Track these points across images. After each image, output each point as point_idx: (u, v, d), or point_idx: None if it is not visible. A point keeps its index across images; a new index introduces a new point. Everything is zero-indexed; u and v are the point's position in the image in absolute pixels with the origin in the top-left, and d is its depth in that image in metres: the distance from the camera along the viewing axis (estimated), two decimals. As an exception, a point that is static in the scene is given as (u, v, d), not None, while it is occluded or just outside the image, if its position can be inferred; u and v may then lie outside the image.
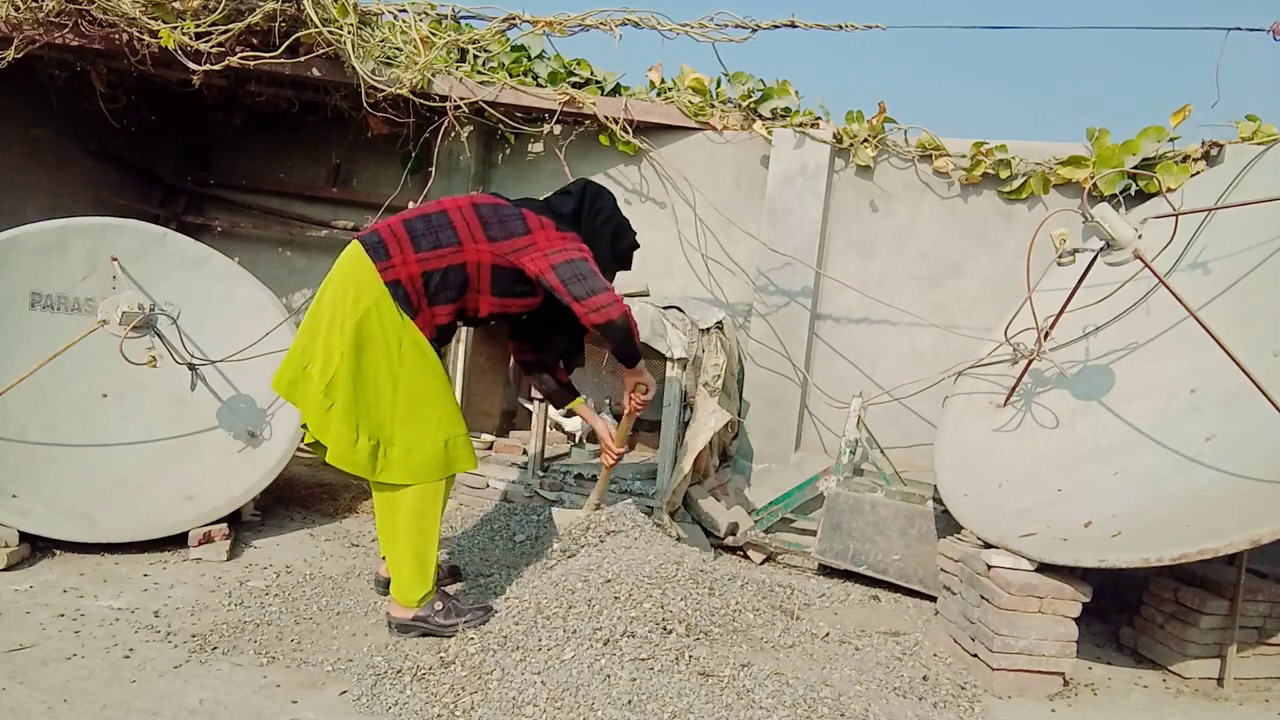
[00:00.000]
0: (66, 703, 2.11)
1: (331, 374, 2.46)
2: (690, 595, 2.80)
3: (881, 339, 4.30)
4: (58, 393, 3.30)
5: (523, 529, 3.67)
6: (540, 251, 2.57)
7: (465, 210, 2.62)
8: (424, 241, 2.54)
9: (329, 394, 2.47)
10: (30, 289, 3.28)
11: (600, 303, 2.55)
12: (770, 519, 3.85)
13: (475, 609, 2.67)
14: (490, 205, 2.65)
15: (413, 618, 2.63)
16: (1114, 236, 2.84)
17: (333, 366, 2.46)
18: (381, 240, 2.53)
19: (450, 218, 2.60)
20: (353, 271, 2.50)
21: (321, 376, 2.48)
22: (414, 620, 2.63)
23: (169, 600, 2.79)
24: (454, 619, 2.62)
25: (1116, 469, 2.92)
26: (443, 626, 2.61)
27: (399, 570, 2.63)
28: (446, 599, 2.68)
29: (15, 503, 3.02)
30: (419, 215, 2.61)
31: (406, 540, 2.60)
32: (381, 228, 2.58)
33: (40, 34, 3.81)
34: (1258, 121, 3.64)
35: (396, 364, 2.51)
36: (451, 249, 2.56)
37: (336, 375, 2.46)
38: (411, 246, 2.53)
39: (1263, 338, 2.82)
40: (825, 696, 2.34)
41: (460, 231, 2.57)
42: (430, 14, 4.29)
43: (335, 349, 2.47)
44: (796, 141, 4.24)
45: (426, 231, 2.56)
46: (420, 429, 2.54)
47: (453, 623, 2.61)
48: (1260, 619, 2.83)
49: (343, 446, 2.48)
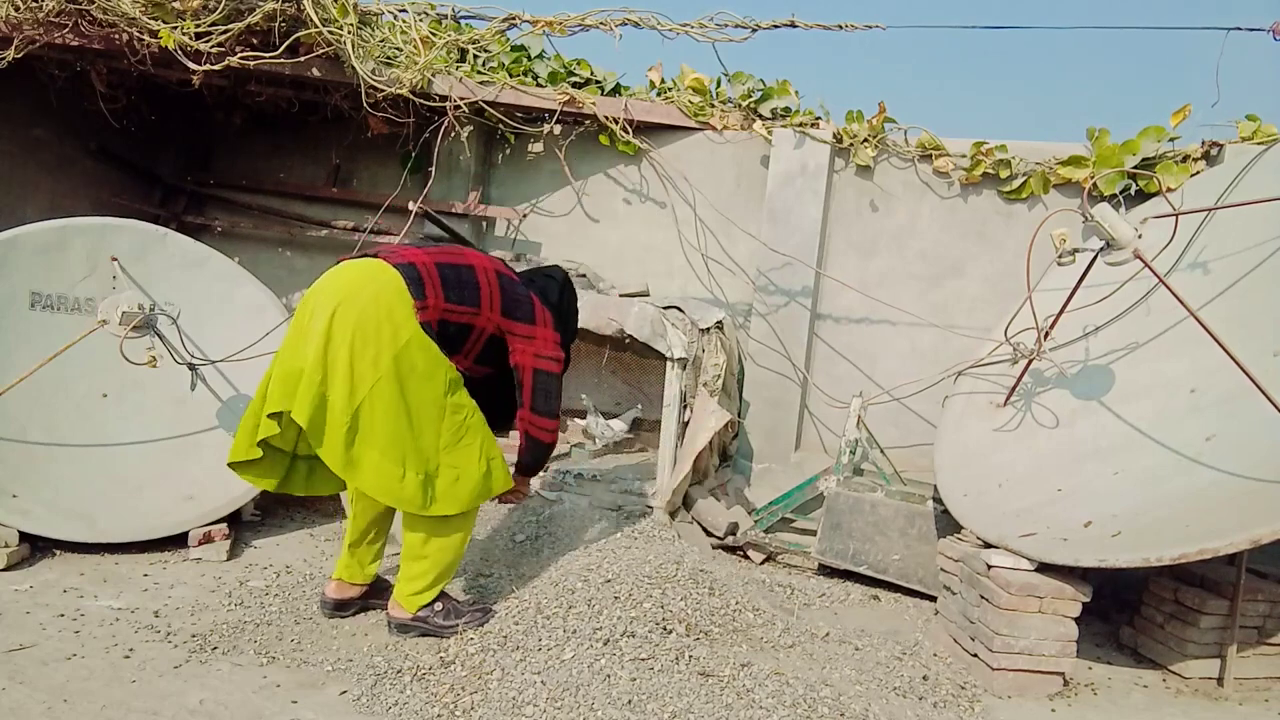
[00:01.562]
0: (66, 703, 2.11)
1: (358, 404, 2.34)
2: (690, 595, 2.80)
3: (881, 339, 4.29)
4: (58, 393, 3.30)
5: (523, 529, 3.67)
6: (534, 349, 2.65)
7: (490, 276, 2.62)
8: (453, 293, 2.52)
9: (354, 425, 2.35)
10: (30, 289, 3.28)
11: (546, 425, 2.70)
12: (770, 519, 3.85)
13: (475, 610, 2.68)
14: (509, 279, 2.69)
15: (413, 618, 2.62)
16: (1114, 236, 2.84)
17: (359, 396, 2.34)
18: (420, 277, 2.47)
19: (477, 278, 2.59)
20: (387, 300, 2.39)
21: (346, 406, 2.34)
22: (414, 620, 2.62)
23: (169, 600, 2.79)
24: (454, 620, 2.62)
25: (1116, 469, 2.92)
26: (442, 627, 2.61)
27: (414, 578, 2.60)
28: (447, 599, 2.67)
29: (15, 503, 3.02)
30: (448, 263, 2.57)
31: (436, 558, 2.60)
32: (416, 263, 2.49)
33: (40, 34, 3.81)
34: (1258, 121, 3.64)
35: (442, 394, 2.46)
36: (471, 310, 2.56)
37: (365, 406, 2.35)
38: (443, 293, 2.50)
39: (1263, 338, 2.82)
40: (825, 696, 2.34)
41: (483, 298, 2.58)
42: (430, 14, 4.29)
43: (364, 378, 2.34)
44: (796, 141, 4.24)
45: (456, 284, 2.54)
46: (465, 455, 2.51)
47: (452, 624, 2.61)
48: (1260, 619, 2.83)
49: (388, 483, 2.40)
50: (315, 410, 2.34)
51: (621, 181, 4.66)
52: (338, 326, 2.36)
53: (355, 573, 2.77)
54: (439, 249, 2.65)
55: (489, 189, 4.88)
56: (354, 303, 2.39)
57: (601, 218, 4.72)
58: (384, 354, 2.35)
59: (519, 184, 4.84)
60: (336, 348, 2.35)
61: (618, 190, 4.68)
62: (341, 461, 2.36)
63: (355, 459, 2.37)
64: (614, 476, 3.98)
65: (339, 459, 2.36)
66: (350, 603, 2.77)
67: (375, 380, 2.34)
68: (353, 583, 2.77)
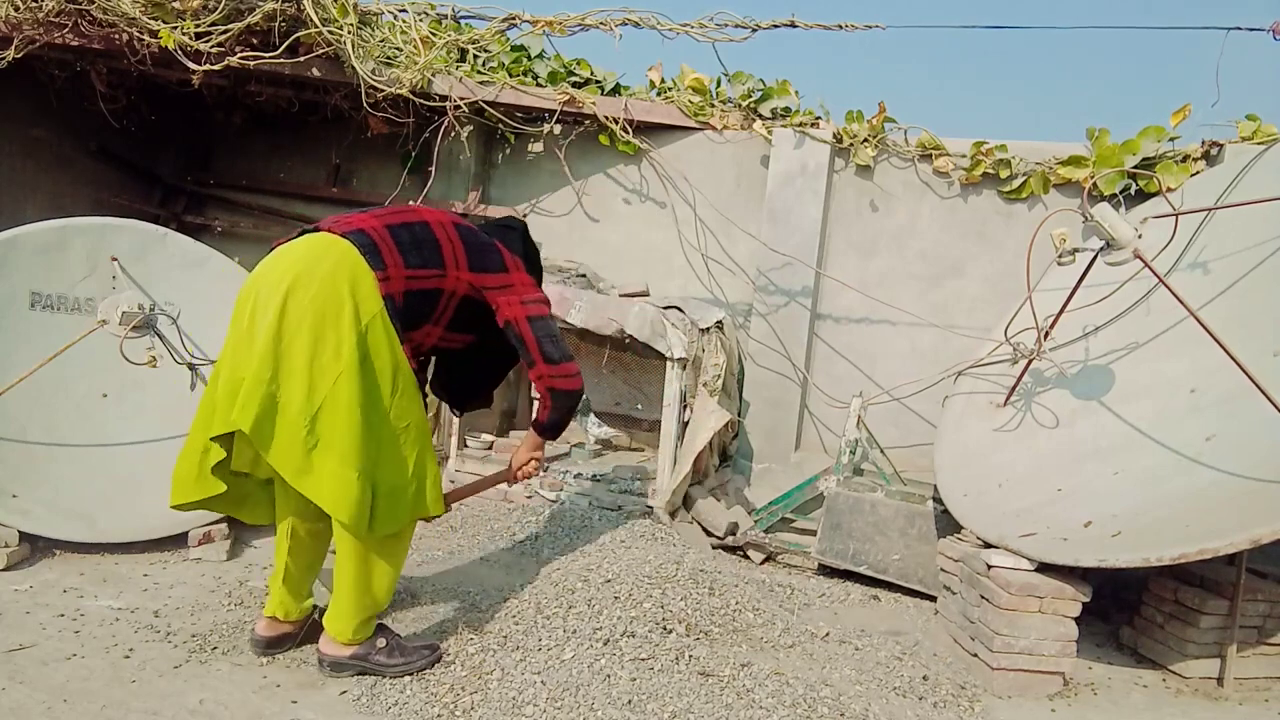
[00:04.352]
0: (66, 703, 2.11)
1: (319, 403, 2.04)
2: (690, 595, 2.80)
3: (881, 339, 4.30)
4: (58, 393, 3.30)
5: (523, 529, 3.67)
6: (518, 296, 2.38)
7: (449, 230, 2.33)
8: (413, 256, 2.23)
9: (314, 429, 2.04)
10: (30, 289, 3.27)
11: (566, 371, 2.41)
12: (770, 519, 3.85)
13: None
14: (469, 229, 2.40)
15: (350, 655, 2.34)
16: (1114, 236, 2.84)
17: (320, 394, 2.04)
18: (375, 244, 2.16)
19: (435, 235, 2.30)
20: (346, 275, 2.09)
21: (305, 406, 2.03)
22: (351, 658, 2.34)
23: (169, 600, 2.79)
24: (397, 658, 2.35)
25: (1116, 469, 2.92)
26: (385, 665, 2.34)
27: (345, 608, 2.30)
28: (388, 634, 2.40)
29: (15, 503, 3.02)
30: (400, 223, 2.27)
31: (373, 585, 2.31)
32: (366, 228, 2.20)
33: (40, 34, 3.81)
34: (1258, 121, 3.64)
35: (389, 393, 2.16)
36: (436, 273, 2.27)
37: (327, 405, 2.04)
38: (402, 259, 2.20)
39: (1263, 338, 2.82)
40: (825, 696, 2.34)
41: (445, 254, 2.29)
42: (430, 14, 4.29)
43: (327, 372, 2.05)
44: (796, 141, 4.24)
45: (414, 245, 2.24)
46: (402, 468, 2.21)
47: (395, 662, 2.34)
48: (1260, 619, 2.83)
49: (346, 494, 2.07)
50: (263, 413, 2.02)
51: (621, 181, 4.66)
52: (292, 313, 2.05)
53: (290, 608, 2.43)
54: (384, 210, 2.33)
55: (489, 189, 4.88)
56: (308, 283, 2.08)
57: (601, 218, 4.72)
58: (346, 341, 2.06)
59: (519, 184, 4.84)
60: (292, 338, 2.05)
61: (618, 190, 4.68)
62: (295, 469, 2.06)
63: (312, 466, 2.06)
64: (614, 476, 3.98)
65: (293, 466, 2.05)
66: (284, 640, 2.44)
67: (338, 374, 2.05)
68: (287, 619, 2.44)
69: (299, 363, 2.04)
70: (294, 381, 2.04)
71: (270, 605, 2.43)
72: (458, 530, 3.73)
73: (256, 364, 2.03)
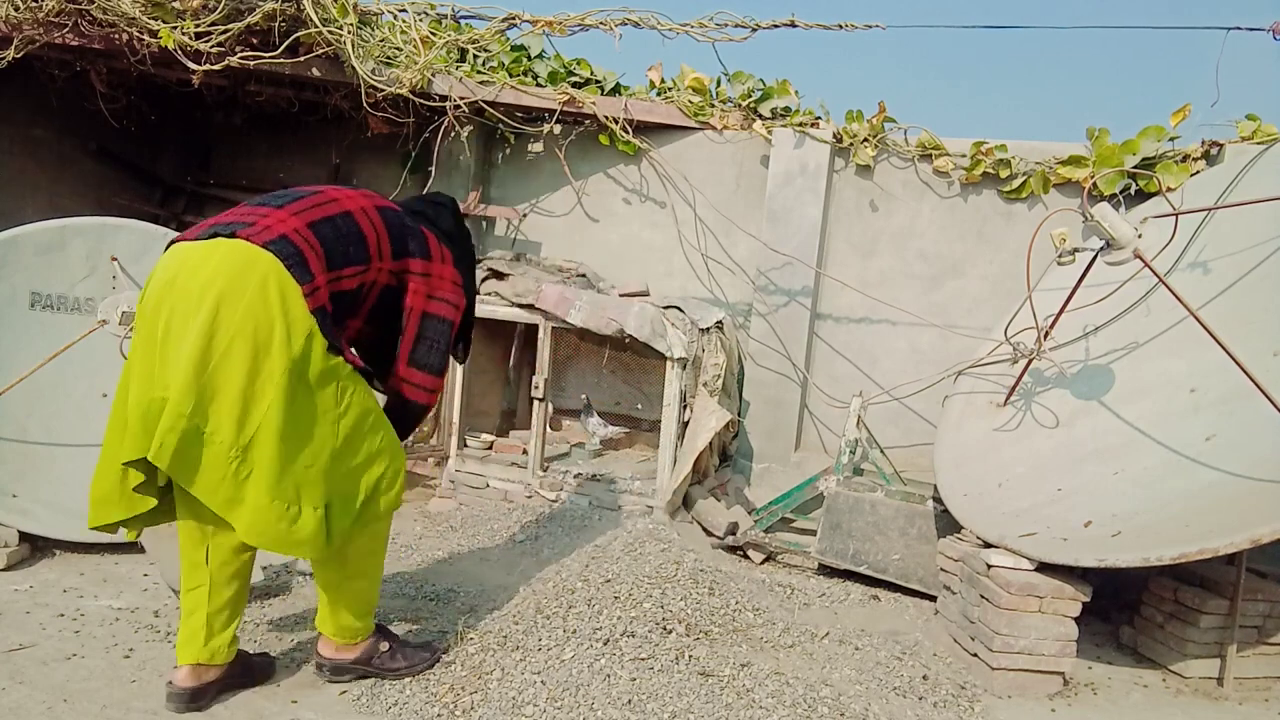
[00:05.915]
0: (66, 703, 2.11)
1: (251, 434, 1.88)
2: (690, 595, 2.81)
3: (881, 339, 4.30)
4: (58, 393, 3.30)
5: (523, 529, 3.67)
6: (428, 289, 2.26)
7: (372, 216, 2.17)
8: (337, 256, 2.05)
9: (246, 460, 1.89)
10: (30, 289, 3.28)
11: (425, 382, 2.27)
12: (770, 519, 3.85)
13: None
14: (393, 213, 2.26)
15: (353, 660, 2.30)
16: (1114, 236, 2.84)
17: (253, 424, 1.88)
18: (300, 253, 1.96)
19: (359, 225, 2.13)
20: (275, 293, 1.90)
21: (236, 438, 1.88)
22: (354, 663, 2.30)
23: (169, 600, 2.79)
24: (400, 661, 2.33)
25: (1116, 469, 2.92)
26: (388, 669, 2.32)
27: (339, 611, 2.24)
28: (390, 637, 2.38)
29: (15, 502, 3.03)
30: (322, 218, 2.07)
31: (361, 584, 2.25)
32: (288, 233, 1.98)
33: (40, 34, 3.81)
34: (1258, 121, 3.64)
35: (336, 405, 2.01)
36: (360, 268, 2.11)
37: (261, 435, 1.88)
38: (327, 262, 2.02)
39: (1263, 338, 2.82)
40: (825, 696, 2.34)
41: (371, 246, 2.14)
42: (430, 14, 4.29)
43: (260, 400, 1.88)
44: (796, 141, 4.24)
45: (338, 242, 2.07)
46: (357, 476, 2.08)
47: (398, 665, 2.32)
48: (1260, 619, 2.83)
49: (277, 529, 1.92)
50: (184, 447, 1.85)
51: (621, 181, 4.66)
52: (220, 337, 1.86)
53: (218, 650, 2.14)
54: (301, 202, 2.10)
55: (489, 189, 4.88)
56: (234, 303, 1.87)
57: (601, 217, 4.72)
58: (278, 365, 1.89)
59: (519, 184, 4.84)
60: (220, 365, 1.87)
61: (618, 190, 4.68)
62: (224, 500, 1.91)
63: (244, 497, 1.91)
64: (614, 476, 3.98)
65: (221, 498, 1.91)
66: (208, 689, 2.15)
67: (269, 402, 1.88)
68: (213, 664, 2.14)
69: (228, 391, 1.87)
70: (222, 412, 1.87)
71: (190, 651, 2.11)
72: (458, 530, 3.73)
73: (176, 393, 1.85)
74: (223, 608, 2.14)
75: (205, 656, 2.12)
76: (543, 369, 3.97)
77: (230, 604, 2.16)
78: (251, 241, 1.93)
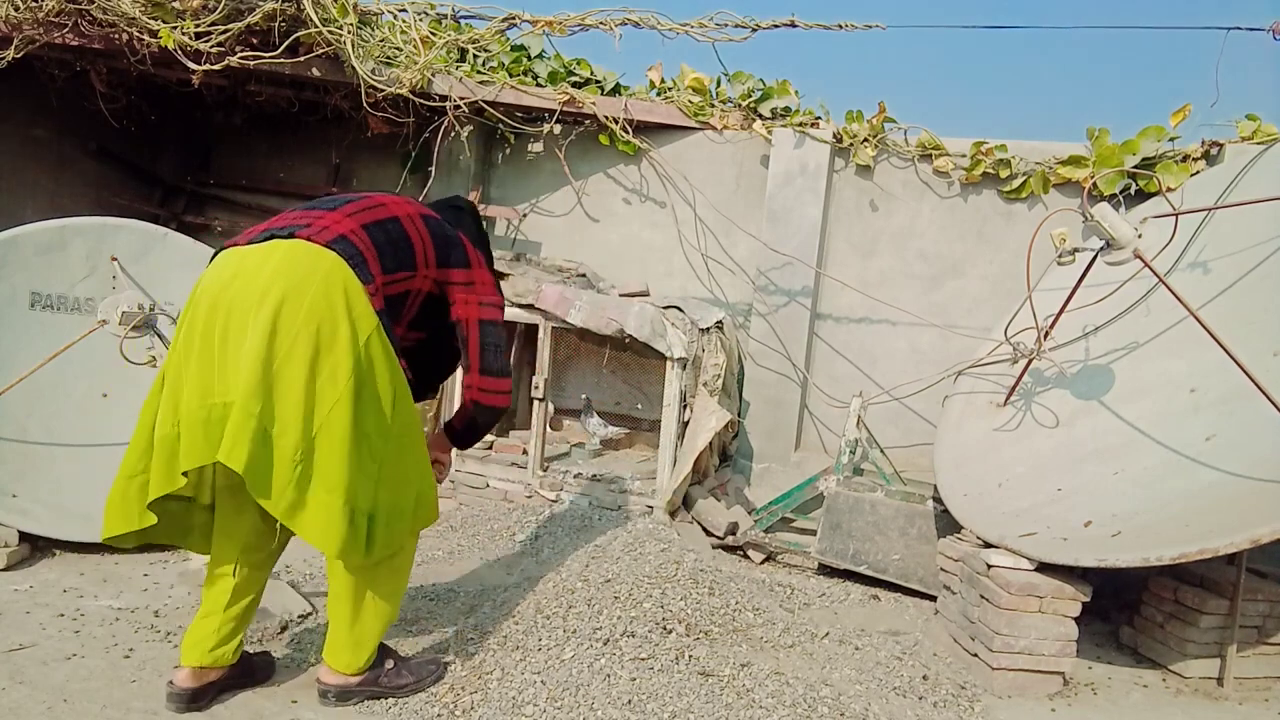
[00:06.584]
0: (66, 703, 2.11)
1: (314, 433, 1.87)
2: (690, 595, 2.81)
3: (881, 339, 4.30)
4: (58, 393, 3.30)
5: (523, 529, 3.67)
6: (477, 297, 2.27)
7: (418, 224, 2.18)
8: (389, 260, 2.07)
9: (306, 460, 1.87)
10: (30, 289, 3.28)
11: (500, 386, 2.30)
12: (770, 519, 3.85)
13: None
14: (435, 221, 2.26)
15: (359, 683, 2.22)
16: (1114, 236, 2.84)
17: (316, 423, 1.87)
18: (360, 253, 1.98)
19: (407, 233, 2.14)
20: (340, 291, 1.90)
21: (300, 438, 1.85)
22: (360, 685, 2.22)
23: (169, 600, 2.79)
24: (406, 678, 2.28)
25: (1116, 469, 2.92)
26: (395, 688, 2.25)
27: (353, 636, 2.18)
28: (393, 655, 2.32)
29: (15, 503, 3.03)
30: (374, 222, 2.08)
31: (379, 607, 2.18)
32: (347, 233, 2.00)
33: (40, 34, 3.81)
34: (1258, 121, 3.64)
35: (390, 409, 1.99)
36: (407, 274, 2.13)
37: (322, 434, 1.87)
38: (381, 265, 2.04)
39: (1263, 338, 2.82)
40: (825, 696, 2.34)
41: (418, 254, 2.15)
42: (430, 14, 4.29)
43: (323, 398, 1.87)
44: (796, 141, 4.24)
45: (390, 247, 2.08)
46: (404, 485, 2.07)
47: (405, 682, 2.27)
48: (1260, 619, 2.83)
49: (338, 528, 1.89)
50: (255, 449, 1.82)
51: (621, 181, 4.66)
52: (284, 335, 1.85)
53: (223, 652, 2.14)
54: (352, 205, 2.11)
55: (489, 189, 4.87)
56: (298, 301, 1.87)
57: (601, 217, 4.72)
58: (343, 364, 1.89)
59: (519, 184, 4.84)
60: (284, 363, 1.85)
61: (618, 190, 4.68)
62: (288, 506, 1.87)
63: (305, 502, 1.88)
64: (614, 476, 3.98)
65: (285, 504, 1.87)
66: (209, 689, 2.15)
67: (334, 400, 1.88)
68: (216, 666, 2.15)
69: (295, 391, 1.85)
70: (288, 412, 1.85)
71: (196, 652, 2.11)
72: (457, 530, 3.73)
73: (243, 394, 1.82)
74: (237, 616, 2.16)
75: (210, 660, 2.13)
76: (543, 369, 3.97)
77: (244, 612, 2.18)
78: (314, 241, 1.94)
